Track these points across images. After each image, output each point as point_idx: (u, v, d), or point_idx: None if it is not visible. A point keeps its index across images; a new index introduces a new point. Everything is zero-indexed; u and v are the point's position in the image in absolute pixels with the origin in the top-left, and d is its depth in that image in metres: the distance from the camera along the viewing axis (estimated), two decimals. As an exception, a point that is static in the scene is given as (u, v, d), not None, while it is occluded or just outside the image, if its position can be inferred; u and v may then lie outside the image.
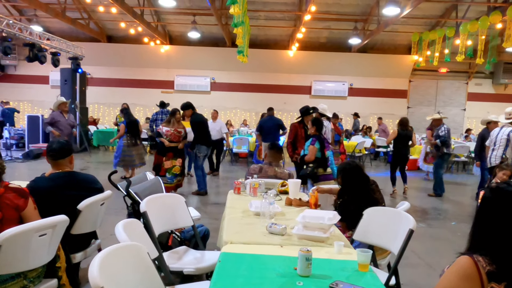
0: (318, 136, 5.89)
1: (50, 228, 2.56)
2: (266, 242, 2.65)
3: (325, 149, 5.83)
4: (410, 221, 2.81)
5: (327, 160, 5.86)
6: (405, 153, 8.66)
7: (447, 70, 18.12)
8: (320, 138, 5.88)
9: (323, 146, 5.79)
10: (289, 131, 7.49)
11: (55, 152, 3.21)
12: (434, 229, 6.20)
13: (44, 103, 18.21)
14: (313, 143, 5.83)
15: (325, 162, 5.82)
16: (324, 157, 5.82)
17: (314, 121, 6.03)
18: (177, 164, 7.40)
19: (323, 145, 5.80)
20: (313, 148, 5.80)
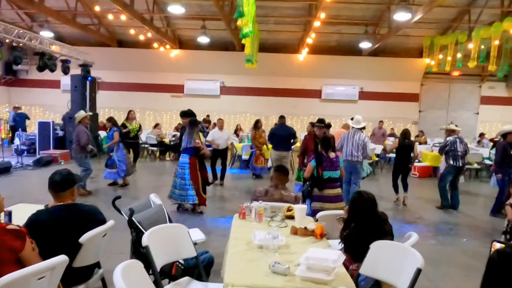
0: (317, 155, 5.80)
1: (49, 271, 2.52)
2: (268, 285, 2.58)
3: (322, 168, 5.62)
4: (418, 259, 2.72)
5: (324, 181, 5.64)
6: (406, 163, 8.78)
7: (460, 73, 17.86)
8: (319, 156, 5.75)
9: (319, 165, 5.63)
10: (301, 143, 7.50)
11: (56, 184, 3.17)
12: (444, 247, 6.07)
13: (55, 107, 18.34)
14: (310, 161, 5.78)
15: (321, 182, 5.63)
16: (319, 176, 5.63)
17: (321, 139, 5.95)
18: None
19: (320, 164, 5.63)
20: (309, 166, 5.74)
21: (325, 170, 5.66)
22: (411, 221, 7.42)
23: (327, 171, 5.68)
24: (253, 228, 3.70)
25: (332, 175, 5.72)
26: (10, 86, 19.20)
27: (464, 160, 8.37)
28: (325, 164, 5.69)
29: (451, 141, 8.32)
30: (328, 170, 5.69)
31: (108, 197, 7.76)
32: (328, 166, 5.71)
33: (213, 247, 4.59)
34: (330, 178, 5.70)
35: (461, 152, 8.24)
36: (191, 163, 7.09)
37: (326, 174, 5.67)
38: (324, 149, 5.82)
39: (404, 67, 18.03)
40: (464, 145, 8.36)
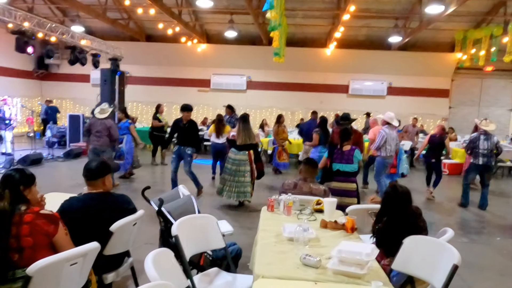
0: (331, 146, 5.84)
1: (81, 257, 2.54)
2: (300, 276, 2.54)
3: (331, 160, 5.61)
4: (455, 255, 2.63)
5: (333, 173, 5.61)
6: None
7: (493, 68, 17.28)
8: (332, 148, 5.76)
9: (331, 157, 5.62)
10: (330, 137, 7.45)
11: (89, 172, 3.21)
12: (477, 245, 5.90)
13: (85, 101, 18.69)
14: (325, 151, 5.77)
15: (328, 174, 5.62)
16: (330, 168, 5.60)
17: (341, 130, 5.91)
18: None
19: (330, 156, 5.65)
20: (323, 158, 5.77)
21: (334, 162, 5.61)
22: (442, 218, 7.25)
23: (336, 164, 5.61)
24: (282, 221, 3.65)
25: (341, 168, 5.60)
26: (42, 80, 19.67)
27: (487, 158, 7.87)
28: (335, 156, 5.64)
29: (473, 138, 8.08)
30: (338, 162, 5.61)
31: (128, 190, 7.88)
32: (338, 158, 5.62)
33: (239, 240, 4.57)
34: (339, 171, 5.60)
35: (483, 150, 7.83)
36: (250, 159, 7.11)
37: (334, 167, 5.61)
38: (341, 141, 5.74)
39: (434, 62, 17.58)
40: (491, 143, 7.86)
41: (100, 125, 7.97)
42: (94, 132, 7.98)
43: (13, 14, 9.62)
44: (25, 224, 2.54)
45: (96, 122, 8.03)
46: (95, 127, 7.98)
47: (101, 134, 7.95)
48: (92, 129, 8.01)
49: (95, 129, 7.97)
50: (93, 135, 8.00)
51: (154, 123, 11.55)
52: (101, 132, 7.94)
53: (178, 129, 7.82)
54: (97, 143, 7.93)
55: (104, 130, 7.97)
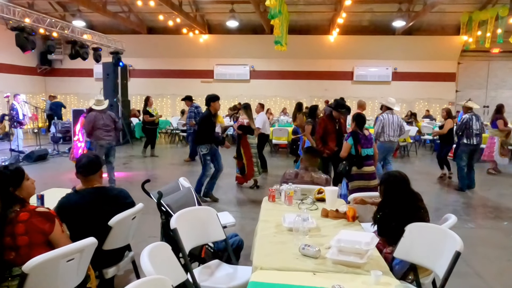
0: (354, 132, 5.69)
1: (78, 253, 2.52)
2: (298, 267, 2.50)
3: (360, 146, 5.58)
4: (457, 242, 2.57)
5: (363, 158, 5.61)
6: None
7: (500, 50, 16.99)
8: (356, 134, 5.66)
9: (357, 143, 5.57)
10: (318, 125, 7.20)
11: (84, 168, 3.18)
12: (484, 231, 5.83)
13: (89, 95, 18.64)
14: (347, 139, 5.69)
15: (360, 160, 5.58)
16: (358, 154, 5.58)
17: (355, 116, 5.81)
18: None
19: (358, 142, 5.58)
20: (346, 144, 5.65)
21: (363, 147, 5.63)
22: (447, 203, 7.18)
23: (365, 149, 5.65)
24: (283, 210, 3.63)
25: (369, 153, 5.70)
26: (46, 76, 19.71)
27: (479, 138, 7.99)
28: (363, 142, 5.66)
29: (466, 119, 8.01)
30: (365, 147, 5.66)
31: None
32: (365, 143, 5.68)
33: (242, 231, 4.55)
34: (368, 156, 5.67)
35: (476, 130, 7.90)
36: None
37: (364, 152, 5.63)
38: (359, 127, 5.72)
39: (440, 45, 17.32)
40: (481, 123, 8.03)
41: (106, 118, 7.46)
42: (101, 126, 7.37)
43: (11, 11, 9.58)
44: (21, 222, 2.53)
45: (99, 116, 7.39)
46: (100, 121, 7.36)
47: (110, 128, 7.49)
48: (97, 123, 7.35)
49: (102, 123, 7.37)
50: (100, 129, 7.36)
51: (145, 118, 11.51)
52: (109, 125, 7.46)
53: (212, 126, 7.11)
54: (109, 138, 7.45)
55: (111, 123, 7.52)
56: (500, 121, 9.52)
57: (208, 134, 6.88)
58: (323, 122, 6.89)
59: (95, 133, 7.38)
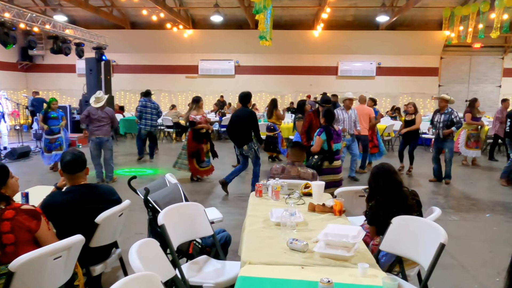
0: (326, 127, 5.77)
1: (65, 250, 2.50)
2: (287, 261, 2.52)
3: (333, 141, 5.70)
4: (442, 234, 2.63)
5: (334, 153, 5.73)
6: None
7: (481, 45, 17.27)
8: (328, 129, 5.74)
9: (330, 138, 5.67)
10: (304, 120, 7.30)
11: (70, 165, 3.13)
12: (468, 223, 5.94)
13: (72, 91, 18.48)
14: (319, 134, 5.75)
15: (332, 155, 5.69)
16: (331, 149, 5.69)
17: (325, 112, 5.92)
18: (208, 148, 8.18)
19: (331, 137, 5.67)
20: (318, 139, 5.70)
21: (335, 142, 5.76)
22: (431, 197, 7.29)
23: (336, 144, 5.79)
24: (270, 205, 3.64)
25: (339, 147, 5.88)
26: (27, 72, 19.38)
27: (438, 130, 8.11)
28: (335, 137, 5.79)
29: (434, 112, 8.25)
30: (337, 142, 5.80)
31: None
32: (337, 138, 5.83)
33: (229, 227, 4.56)
34: (337, 150, 5.84)
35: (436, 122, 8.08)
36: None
37: (336, 147, 5.77)
38: (328, 122, 5.84)
39: (422, 40, 17.54)
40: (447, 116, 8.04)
41: (102, 114, 7.69)
42: (95, 121, 7.66)
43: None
44: (6, 220, 2.49)
45: (93, 111, 7.67)
46: (95, 116, 7.64)
47: (104, 123, 7.71)
48: (92, 118, 7.64)
49: (96, 118, 7.64)
50: (94, 124, 7.67)
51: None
52: (102, 121, 7.68)
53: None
54: (99, 132, 7.66)
55: (106, 119, 7.74)
56: (468, 114, 9.78)
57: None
58: (309, 117, 6.96)
59: (89, 127, 7.74)
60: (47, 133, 8.61)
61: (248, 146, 6.89)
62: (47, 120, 8.55)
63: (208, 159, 8.24)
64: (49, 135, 8.61)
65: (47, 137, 8.63)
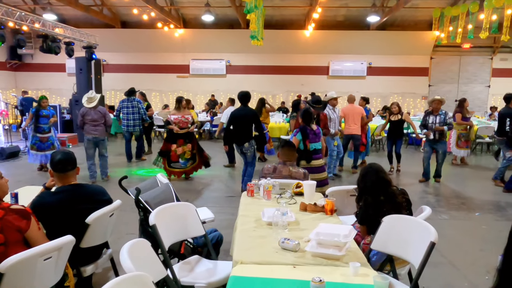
0: (303, 127, 5.87)
1: (55, 251, 2.48)
2: (278, 261, 2.53)
3: (309, 141, 5.76)
4: (432, 233, 2.64)
5: (311, 153, 5.79)
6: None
7: (471, 46, 17.45)
8: (304, 129, 5.84)
9: (305, 138, 5.75)
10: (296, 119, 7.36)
11: (62, 164, 3.10)
12: (457, 221, 5.99)
13: (62, 91, 18.33)
14: (295, 134, 5.87)
15: (308, 155, 5.76)
16: (307, 149, 5.76)
17: (302, 112, 6.01)
18: (187, 149, 7.93)
19: (306, 137, 5.76)
20: (294, 139, 5.78)
21: (311, 142, 5.80)
22: (421, 196, 7.34)
23: (313, 143, 5.83)
24: (262, 205, 3.64)
25: (317, 147, 5.89)
26: (16, 71, 19.19)
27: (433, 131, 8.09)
28: (311, 137, 5.85)
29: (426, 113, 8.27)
30: (313, 142, 5.84)
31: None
32: (314, 138, 5.88)
33: (221, 226, 4.55)
34: (316, 150, 5.84)
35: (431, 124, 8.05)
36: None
37: (312, 146, 5.80)
38: (306, 122, 5.92)
39: (413, 40, 17.66)
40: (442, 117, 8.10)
41: (95, 114, 7.77)
42: (89, 122, 7.73)
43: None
44: (-5, 220, 2.47)
45: (89, 111, 7.75)
46: (88, 116, 7.72)
47: (98, 123, 7.79)
48: (86, 118, 7.73)
49: (90, 118, 7.72)
50: (88, 124, 7.73)
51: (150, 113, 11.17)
52: (97, 120, 7.77)
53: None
54: (96, 132, 7.76)
55: (100, 119, 7.81)
56: (458, 114, 9.87)
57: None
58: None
59: (84, 127, 7.81)
60: (37, 131, 8.52)
61: (249, 144, 7.03)
62: (38, 119, 8.46)
63: (185, 160, 8.07)
64: (39, 133, 8.52)
65: (37, 135, 8.53)
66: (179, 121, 7.85)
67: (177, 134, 7.87)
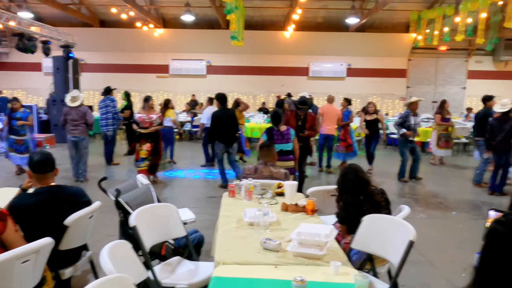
0: (268, 129, 6.01)
1: (33, 254, 2.43)
2: (260, 261, 2.54)
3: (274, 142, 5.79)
4: (410, 231, 2.69)
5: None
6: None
7: (447, 48, 17.81)
8: (270, 131, 5.95)
9: (270, 139, 5.84)
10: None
11: (41, 165, 3.04)
12: (435, 220, 6.11)
13: (39, 91, 17.96)
14: (262, 134, 6.00)
15: None
16: None
17: (271, 114, 6.16)
18: (145, 148, 7.65)
19: (271, 138, 5.86)
20: (260, 140, 5.90)
21: (275, 143, 5.80)
22: (400, 196, 7.46)
23: (278, 144, 5.83)
24: (243, 206, 3.65)
25: (283, 148, 5.90)
26: (-10, 70, 18.73)
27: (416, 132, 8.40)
28: (276, 138, 5.91)
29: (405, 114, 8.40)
30: (279, 143, 5.87)
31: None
32: (279, 139, 5.92)
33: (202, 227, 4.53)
34: (282, 151, 5.85)
35: (413, 124, 8.26)
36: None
37: (277, 147, 5.75)
38: (274, 123, 6.00)
39: (391, 42, 17.92)
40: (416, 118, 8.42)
41: (76, 114, 7.81)
42: (70, 121, 7.80)
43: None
44: (-29, 223, 2.41)
45: (70, 111, 7.82)
46: (70, 116, 7.78)
47: (78, 123, 7.82)
48: (68, 118, 7.79)
49: (71, 118, 7.77)
50: (69, 124, 7.81)
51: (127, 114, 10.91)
52: (77, 120, 7.80)
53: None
54: (76, 132, 7.80)
55: (80, 118, 7.83)
56: (437, 115, 10.13)
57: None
58: (287, 116, 7.07)
59: (66, 127, 7.88)
60: (12, 133, 8.34)
61: (236, 144, 7.30)
62: (11, 121, 8.27)
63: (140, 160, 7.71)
64: (14, 136, 8.35)
65: (12, 137, 8.36)
66: (142, 120, 7.61)
67: (140, 133, 7.70)
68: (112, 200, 3.50)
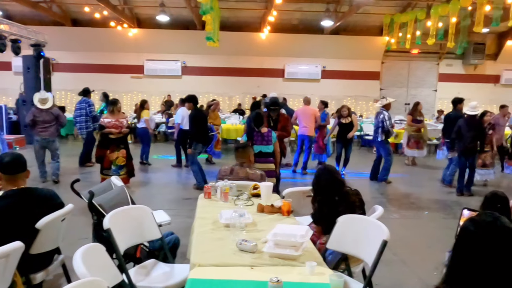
0: (249, 130, 6.08)
1: (3, 258, 2.37)
2: (236, 262, 2.54)
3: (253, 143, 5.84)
4: (384, 231, 2.75)
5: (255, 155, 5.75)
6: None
7: (419, 51, 18.19)
8: (251, 132, 6.00)
9: (250, 139, 5.88)
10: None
11: (11, 166, 2.97)
12: (407, 220, 6.24)
13: (8, 91, 17.43)
14: (242, 135, 6.12)
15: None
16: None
17: (253, 115, 6.20)
18: (120, 155, 7.33)
19: (251, 139, 5.89)
20: (241, 141, 5.99)
21: (255, 144, 5.85)
22: (374, 196, 7.58)
23: (257, 145, 5.88)
24: (219, 207, 3.64)
25: (262, 150, 5.92)
26: (-43, 69, 18.08)
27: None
28: (256, 139, 5.92)
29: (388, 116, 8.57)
30: (259, 144, 5.90)
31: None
32: (259, 140, 5.93)
33: (177, 229, 4.50)
34: (261, 153, 5.88)
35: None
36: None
37: (256, 149, 5.83)
38: (255, 125, 6.02)
39: (365, 45, 18.17)
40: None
41: (48, 115, 7.65)
42: (40, 123, 7.62)
43: None
44: None
45: (40, 112, 7.64)
46: (40, 117, 7.60)
47: (49, 125, 7.69)
48: (38, 119, 7.60)
49: (41, 120, 7.60)
50: (39, 125, 7.62)
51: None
52: (49, 122, 7.67)
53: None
54: (46, 133, 7.64)
55: (52, 120, 7.70)
56: (408, 116, 10.46)
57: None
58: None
59: (35, 128, 7.68)
60: None
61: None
62: None
63: (117, 167, 7.29)
64: None
65: None
66: (113, 125, 7.22)
67: (110, 139, 7.26)
68: (84, 203, 3.44)
